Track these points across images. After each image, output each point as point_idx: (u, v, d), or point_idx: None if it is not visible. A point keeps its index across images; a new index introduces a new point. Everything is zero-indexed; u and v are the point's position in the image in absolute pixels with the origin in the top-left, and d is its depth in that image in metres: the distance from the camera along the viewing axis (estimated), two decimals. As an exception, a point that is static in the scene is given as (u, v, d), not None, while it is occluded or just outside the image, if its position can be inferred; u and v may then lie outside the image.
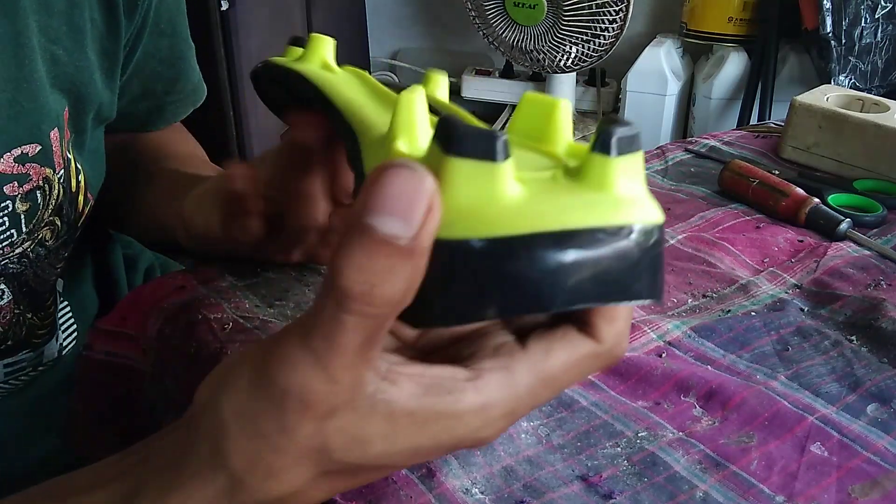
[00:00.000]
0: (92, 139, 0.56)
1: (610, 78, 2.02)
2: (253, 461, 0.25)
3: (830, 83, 1.52)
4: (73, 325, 0.62)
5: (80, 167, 0.54)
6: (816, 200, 0.59)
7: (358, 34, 2.14)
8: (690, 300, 0.50)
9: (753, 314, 0.48)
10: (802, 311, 0.49)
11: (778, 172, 0.65)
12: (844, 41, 1.54)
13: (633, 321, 0.46)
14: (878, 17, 1.53)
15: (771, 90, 1.70)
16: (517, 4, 1.77)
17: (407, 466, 0.34)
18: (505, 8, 1.79)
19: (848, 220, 0.58)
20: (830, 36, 1.54)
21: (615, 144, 0.24)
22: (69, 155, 0.52)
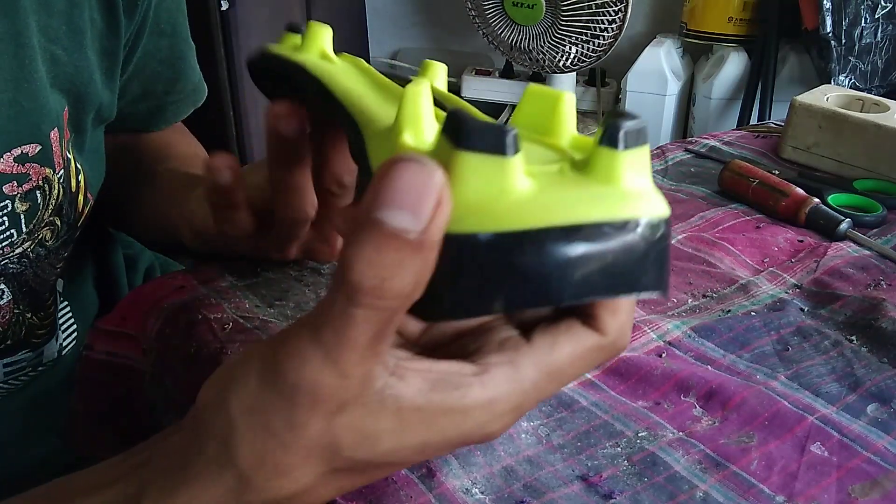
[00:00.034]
0: (92, 139, 0.56)
1: (610, 78, 2.02)
2: (261, 459, 0.25)
3: (830, 83, 1.52)
4: (73, 325, 0.62)
5: (79, 167, 0.54)
6: (816, 200, 0.59)
7: (358, 34, 2.14)
8: (690, 300, 0.50)
9: (753, 314, 0.48)
10: (802, 311, 0.49)
11: (778, 172, 0.65)
12: (844, 41, 1.54)
13: (633, 321, 0.46)
14: (878, 17, 1.53)
15: (771, 90, 1.69)
16: (516, 4, 1.76)
17: (414, 463, 0.34)
18: (504, 8, 1.79)
19: (848, 220, 0.58)
20: (830, 36, 1.54)
21: (622, 138, 0.24)
22: (69, 155, 0.52)
